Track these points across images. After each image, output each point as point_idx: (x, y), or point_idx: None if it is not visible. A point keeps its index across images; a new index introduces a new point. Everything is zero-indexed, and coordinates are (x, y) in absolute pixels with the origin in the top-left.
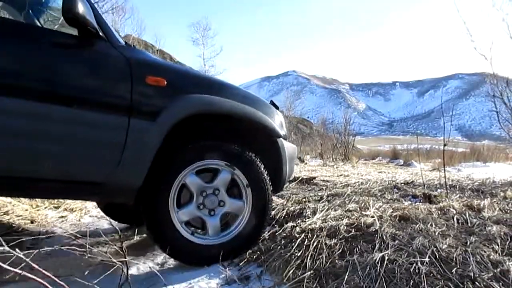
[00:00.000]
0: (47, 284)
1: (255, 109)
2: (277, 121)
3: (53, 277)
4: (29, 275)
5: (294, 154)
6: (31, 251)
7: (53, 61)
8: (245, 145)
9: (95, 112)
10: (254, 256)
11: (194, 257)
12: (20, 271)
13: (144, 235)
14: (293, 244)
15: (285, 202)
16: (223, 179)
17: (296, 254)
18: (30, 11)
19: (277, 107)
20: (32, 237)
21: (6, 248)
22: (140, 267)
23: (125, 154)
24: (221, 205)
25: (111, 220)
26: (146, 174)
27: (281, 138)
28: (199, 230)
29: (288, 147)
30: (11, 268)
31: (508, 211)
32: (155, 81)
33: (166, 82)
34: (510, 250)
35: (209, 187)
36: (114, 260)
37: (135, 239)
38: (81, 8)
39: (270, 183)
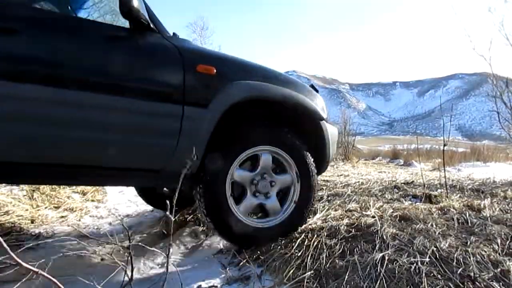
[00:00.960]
0: (57, 282)
1: (298, 93)
2: (319, 104)
3: (55, 280)
4: (44, 274)
5: (336, 135)
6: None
7: (111, 53)
8: (290, 128)
9: (152, 101)
10: (254, 256)
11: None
12: (37, 270)
13: (145, 234)
14: (293, 244)
15: None
16: (284, 179)
17: (296, 254)
18: (69, 7)
19: (317, 91)
20: (33, 238)
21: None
22: (140, 267)
23: (180, 142)
24: (268, 196)
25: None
26: (201, 160)
27: (324, 121)
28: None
29: (331, 129)
30: (28, 266)
31: (509, 211)
32: (205, 69)
33: (215, 70)
34: (510, 250)
35: (269, 174)
36: (119, 262)
37: (135, 239)
38: (136, 2)
39: (316, 185)
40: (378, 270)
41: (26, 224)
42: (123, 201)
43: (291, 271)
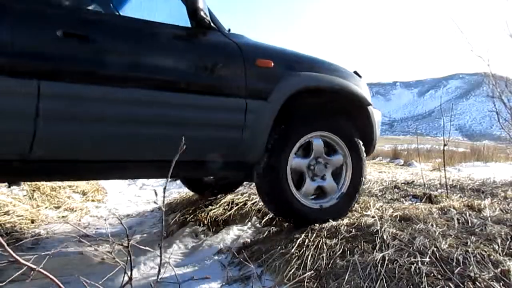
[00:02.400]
0: (58, 282)
1: (349, 81)
2: (365, 91)
3: (53, 277)
4: (44, 272)
5: (379, 118)
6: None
7: (180, 53)
8: (341, 114)
9: (218, 96)
10: (254, 256)
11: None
12: (34, 266)
13: (145, 234)
14: (293, 244)
15: None
16: (337, 159)
17: (297, 254)
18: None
19: (360, 77)
20: (33, 237)
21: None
22: (140, 267)
23: (245, 133)
24: (324, 178)
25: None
26: (264, 149)
27: (370, 106)
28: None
29: (376, 113)
30: (26, 263)
31: (509, 211)
32: (264, 63)
33: (272, 63)
34: (511, 250)
35: (322, 158)
36: (119, 262)
37: (136, 239)
38: (201, 2)
39: (365, 156)
40: (379, 270)
41: (26, 224)
42: (123, 201)
43: (291, 271)
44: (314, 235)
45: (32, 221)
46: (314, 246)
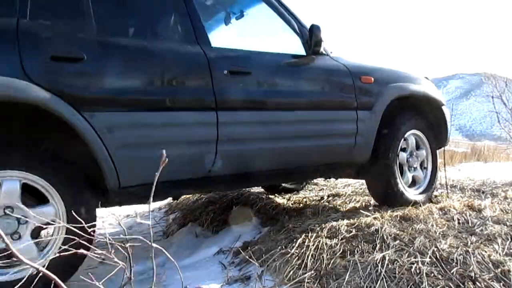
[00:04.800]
0: (61, 282)
1: (426, 87)
2: (438, 93)
3: (55, 277)
4: (48, 272)
5: (450, 115)
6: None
7: (311, 78)
8: (423, 115)
9: (337, 110)
10: (255, 256)
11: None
12: (37, 266)
13: (145, 234)
14: (294, 244)
15: (285, 202)
16: (422, 153)
17: (297, 254)
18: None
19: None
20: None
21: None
22: (140, 267)
23: (357, 139)
24: (415, 169)
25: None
26: (372, 151)
27: (444, 106)
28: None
29: (447, 111)
30: (30, 263)
31: (509, 211)
32: (367, 79)
33: (373, 79)
34: (511, 250)
35: (414, 151)
36: (119, 262)
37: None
38: (321, 34)
39: (439, 147)
40: (379, 270)
41: None
42: None
43: (292, 271)
44: (314, 235)
45: None
46: (314, 246)
